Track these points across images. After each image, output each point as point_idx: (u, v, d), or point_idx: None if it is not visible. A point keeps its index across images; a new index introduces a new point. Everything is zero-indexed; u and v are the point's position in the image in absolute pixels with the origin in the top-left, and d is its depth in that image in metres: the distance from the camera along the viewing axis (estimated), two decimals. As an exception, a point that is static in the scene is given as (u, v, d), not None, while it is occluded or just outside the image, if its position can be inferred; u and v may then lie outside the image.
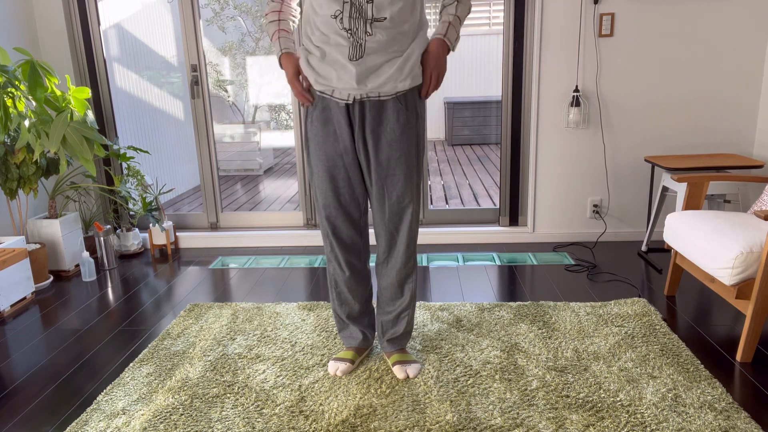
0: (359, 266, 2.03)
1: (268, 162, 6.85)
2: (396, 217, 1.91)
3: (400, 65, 1.76)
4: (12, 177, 2.96)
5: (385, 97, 1.78)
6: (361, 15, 1.72)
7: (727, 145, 3.33)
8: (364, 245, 2.03)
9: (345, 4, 1.71)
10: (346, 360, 2.06)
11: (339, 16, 1.72)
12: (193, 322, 2.51)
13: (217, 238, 3.69)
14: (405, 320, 2.05)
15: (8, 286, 2.73)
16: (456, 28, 1.85)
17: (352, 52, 1.73)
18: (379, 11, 1.72)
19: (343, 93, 1.78)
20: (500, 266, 3.13)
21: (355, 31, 1.73)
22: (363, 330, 2.11)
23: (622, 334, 2.26)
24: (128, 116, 4.86)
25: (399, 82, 1.77)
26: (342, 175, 1.88)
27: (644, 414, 1.76)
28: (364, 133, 1.82)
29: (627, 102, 3.30)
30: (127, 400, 1.93)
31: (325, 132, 1.85)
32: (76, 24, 3.49)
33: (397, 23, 1.74)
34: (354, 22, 1.72)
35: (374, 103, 1.79)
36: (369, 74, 1.75)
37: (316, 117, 1.86)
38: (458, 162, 7.44)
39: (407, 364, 2.03)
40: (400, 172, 1.85)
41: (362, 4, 1.71)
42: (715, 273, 2.10)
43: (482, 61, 9.01)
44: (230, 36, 6.99)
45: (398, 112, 1.80)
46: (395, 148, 1.83)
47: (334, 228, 1.95)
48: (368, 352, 2.16)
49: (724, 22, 3.16)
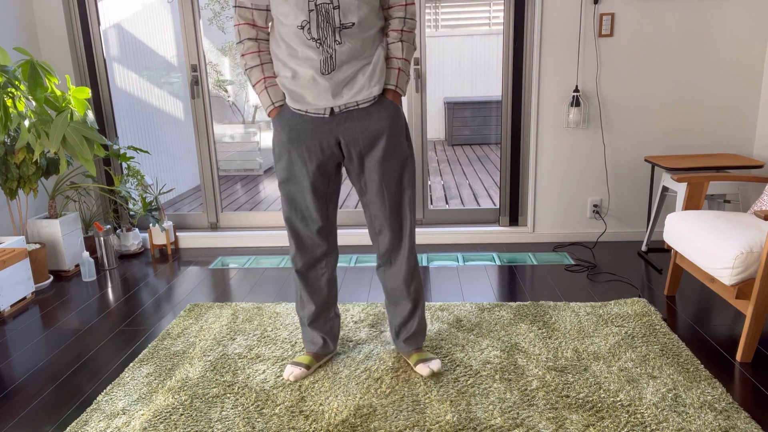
0: (321, 271, 2.02)
1: (268, 162, 6.85)
2: (397, 216, 1.90)
3: (370, 72, 1.76)
4: (12, 177, 2.96)
5: (364, 104, 1.79)
6: (329, 22, 1.69)
7: (727, 145, 3.33)
8: (331, 250, 2.01)
9: (311, 13, 1.68)
10: (301, 365, 2.04)
11: (306, 26, 1.70)
12: (193, 322, 2.51)
13: (217, 238, 3.69)
14: (417, 318, 2.05)
15: (8, 286, 2.73)
16: (406, 73, 1.84)
17: (323, 65, 1.72)
18: (346, 16, 1.70)
19: (318, 108, 1.78)
20: (500, 266, 3.13)
21: (324, 40, 1.71)
22: (323, 336, 2.09)
23: (622, 334, 2.26)
24: (128, 116, 4.86)
25: (372, 87, 1.77)
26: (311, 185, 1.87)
27: (644, 414, 1.76)
28: (347, 139, 1.81)
29: (627, 102, 3.30)
30: (127, 400, 1.93)
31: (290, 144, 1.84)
32: (76, 24, 3.49)
33: (365, 28, 1.73)
34: (322, 32, 1.70)
35: (353, 112, 1.79)
36: (343, 87, 1.75)
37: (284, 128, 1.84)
38: (458, 162, 7.44)
39: (429, 361, 2.03)
40: (397, 171, 1.86)
41: (329, 10, 1.69)
42: (715, 273, 2.10)
43: (482, 61, 9.01)
44: (230, 36, 6.99)
45: (380, 115, 1.80)
46: (387, 148, 1.83)
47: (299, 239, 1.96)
48: (327, 359, 2.13)
49: (724, 22, 3.16)
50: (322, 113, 1.78)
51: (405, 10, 1.82)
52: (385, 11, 1.83)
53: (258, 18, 1.80)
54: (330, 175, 1.90)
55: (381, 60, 1.78)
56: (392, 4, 1.82)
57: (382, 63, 1.78)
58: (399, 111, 1.86)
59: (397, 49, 1.81)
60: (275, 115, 1.84)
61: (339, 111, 1.78)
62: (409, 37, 1.83)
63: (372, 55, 1.77)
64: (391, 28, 1.83)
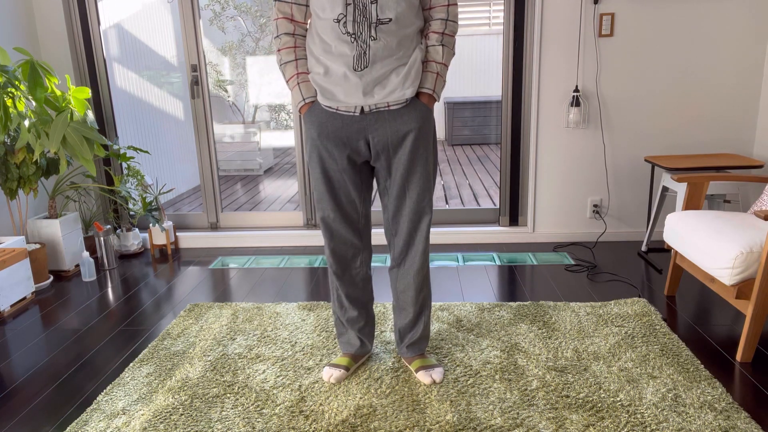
0: (355, 269, 2.01)
1: (268, 162, 6.85)
2: (416, 216, 1.88)
3: (405, 74, 1.72)
4: (12, 177, 2.96)
5: (395, 106, 1.75)
6: (365, 17, 1.67)
7: (727, 145, 3.33)
8: (364, 247, 2.00)
9: (348, 6, 1.66)
10: (340, 367, 2.02)
11: (342, 20, 1.68)
12: (193, 322, 2.51)
13: (217, 238, 3.69)
14: (422, 323, 2.03)
15: (8, 286, 2.73)
16: (443, 77, 1.79)
17: (357, 61, 1.69)
18: (384, 11, 1.66)
19: (349, 106, 1.75)
20: (500, 266, 3.13)
21: (359, 35, 1.68)
22: (361, 337, 2.07)
23: (622, 334, 2.26)
24: (128, 116, 4.86)
25: (406, 89, 1.73)
26: (344, 181, 1.86)
27: (644, 414, 1.76)
28: (375, 140, 1.79)
29: (627, 102, 3.30)
30: (127, 400, 1.93)
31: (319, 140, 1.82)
32: (76, 24, 3.49)
33: (403, 25, 1.69)
34: (358, 26, 1.67)
35: (383, 113, 1.76)
36: (375, 85, 1.71)
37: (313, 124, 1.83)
38: (458, 162, 7.44)
39: (431, 369, 1.99)
40: (420, 173, 1.83)
41: (366, 4, 1.66)
42: (715, 273, 2.10)
43: (482, 61, 9.01)
44: (230, 36, 6.99)
45: (410, 117, 1.77)
46: (413, 150, 1.80)
47: (332, 233, 1.94)
48: (365, 359, 2.12)
49: (724, 22, 3.16)
50: (353, 111, 1.75)
51: (447, 12, 1.76)
52: (426, 12, 1.78)
53: (297, 13, 1.78)
54: (361, 172, 1.88)
55: (418, 62, 1.73)
56: (434, 5, 1.76)
57: (418, 65, 1.74)
58: (430, 115, 1.81)
59: (437, 52, 1.76)
60: (305, 111, 1.82)
61: (369, 110, 1.75)
62: (449, 41, 1.78)
63: (409, 56, 1.72)
64: (431, 29, 1.77)
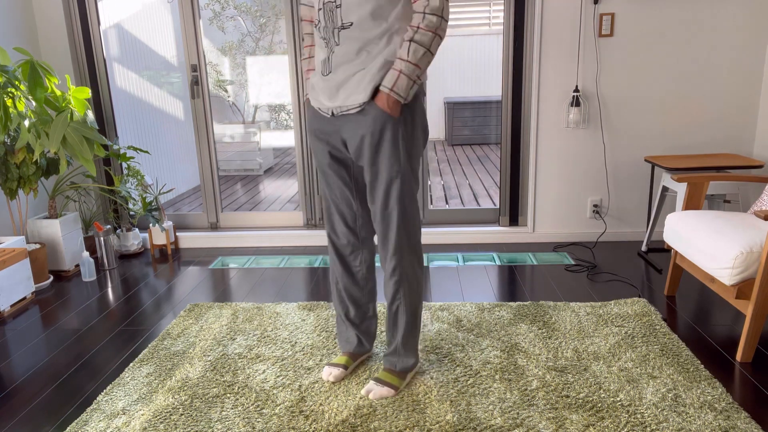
0: (355, 266, 2.01)
1: (268, 162, 6.85)
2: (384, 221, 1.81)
3: (361, 77, 1.66)
4: (12, 177, 2.96)
5: (353, 110, 1.70)
6: (332, 21, 1.66)
7: (727, 145, 3.33)
8: (362, 245, 1.99)
9: (320, 12, 1.68)
10: (339, 365, 2.02)
11: (318, 26, 1.70)
12: (193, 322, 2.51)
13: (217, 238, 3.69)
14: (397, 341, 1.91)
15: (8, 286, 2.73)
16: (409, 75, 1.62)
17: (323, 65, 1.72)
18: (347, 15, 1.63)
19: (323, 108, 1.79)
20: (500, 266, 3.13)
21: (329, 40, 1.68)
22: (359, 335, 2.06)
23: (622, 334, 2.26)
24: (128, 116, 4.86)
25: (359, 93, 1.67)
26: (332, 176, 1.89)
27: (644, 414, 1.76)
28: (347, 142, 1.79)
29: (627, 102, 3.30)
30: (127, 400, 1.93)
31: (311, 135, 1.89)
32: (76, 24, 3.49)
33: (365, 29, 1.62)
34: (328, 32, 1.68)
35: (349, 116, 1.73)
36: (338, 89, 1.72)
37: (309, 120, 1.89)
38: (458, 162, 7.44)
39: (380, 384, 1.90)
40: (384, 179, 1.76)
41: (332, 9, 1.65)
42: (715, 273, 2.10)
43: (482, 61, 9.01)
44: (230, 36, 6.98)
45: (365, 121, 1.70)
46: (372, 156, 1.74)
47: (332, 225, 1.98)
48: (364, 358, 2.11)
49: (724, 23, 3.16)
50: (326, 113, 1.79)
51: (427, 3, 1.60)
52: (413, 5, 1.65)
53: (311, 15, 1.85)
54: (349, 169, 1.89)
55: (378, 65, 1.64)
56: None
57: (378, 68, 1.64)
58: (387, 119, 1.67)
59: (403, 48, 1.62)
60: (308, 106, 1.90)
61: (337, 113, 1.77)
62: (423, 36, 1.60)
63: (372, 60, 1.65)
64: (411, 23, 1.64)
